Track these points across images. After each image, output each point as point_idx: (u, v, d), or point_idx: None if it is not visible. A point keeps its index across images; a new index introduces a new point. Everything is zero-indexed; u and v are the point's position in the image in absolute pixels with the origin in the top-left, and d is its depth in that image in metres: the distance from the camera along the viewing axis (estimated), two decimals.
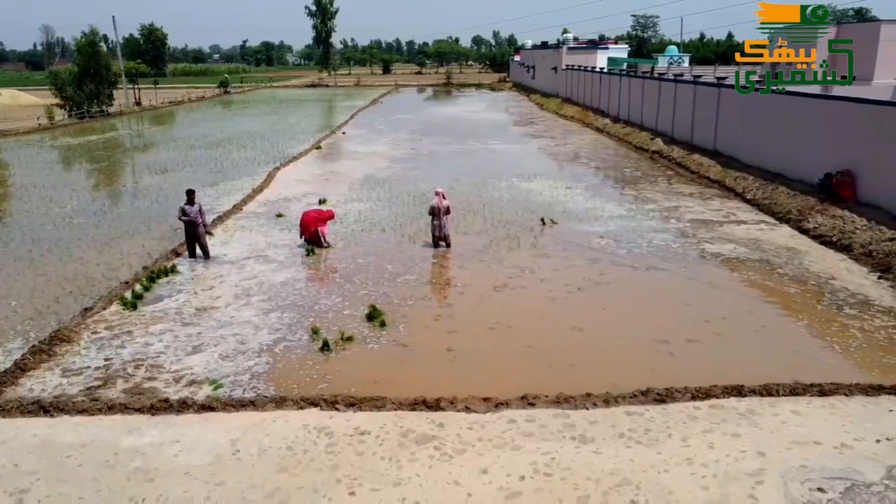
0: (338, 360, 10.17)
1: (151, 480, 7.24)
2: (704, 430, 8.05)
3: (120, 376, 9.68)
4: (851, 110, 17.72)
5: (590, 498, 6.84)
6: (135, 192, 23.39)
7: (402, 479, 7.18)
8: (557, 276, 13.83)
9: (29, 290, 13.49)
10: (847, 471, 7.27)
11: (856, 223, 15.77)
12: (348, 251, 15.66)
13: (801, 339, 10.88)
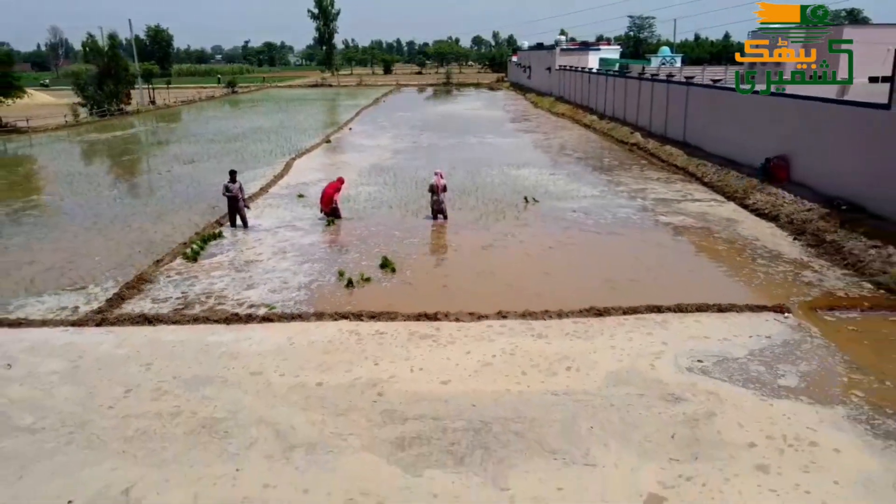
0: (359, 292, 13.33)
1: (235, 358, 10.39)
2: (627, 331, 11.18)
3: (196, 302, 12.84)
4: (786, 104, 20.87)
5: (539, 365, 9.99)
6: (170, 179, 26.52)
7: (410, 357, 10.33)
8: (534, 239, 16.98)
9: (105, 250, 16.63)
10: (722, 352, 10.40)
11: (785, 199, 18.92)
12: (362, 223, 18.81)
13: (717, 278, 14.04)
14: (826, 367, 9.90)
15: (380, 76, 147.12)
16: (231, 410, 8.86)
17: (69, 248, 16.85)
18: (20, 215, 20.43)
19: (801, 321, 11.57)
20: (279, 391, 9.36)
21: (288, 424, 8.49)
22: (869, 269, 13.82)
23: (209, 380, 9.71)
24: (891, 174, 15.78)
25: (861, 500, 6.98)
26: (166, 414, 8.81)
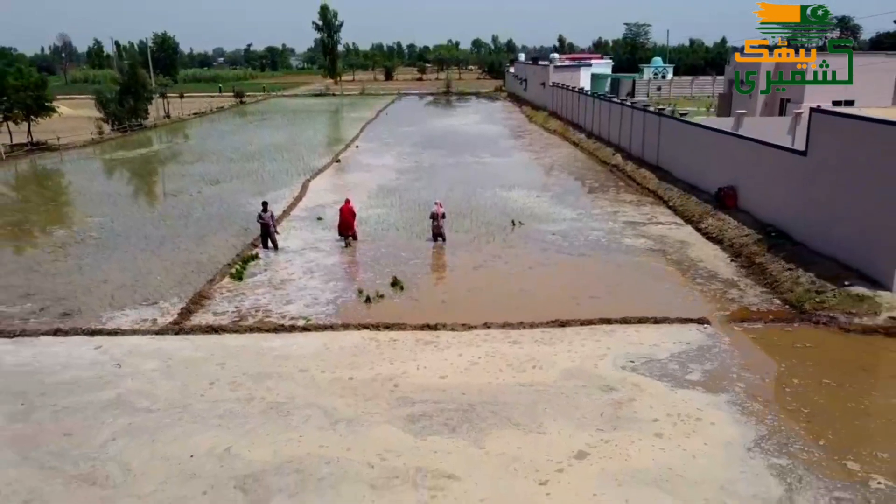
0: (375, 307, 16.85)
1: (286, 359, 13.91)
2: (582, 339, 14.69)
3: (248, 315, 16.39)
4: (733, 142, 24.39)
5: (513, 364, 13.50)
6: (201, 200, 30.02)
7: (417, 358, 13.85)
8: (517, 260, 20.51)
9: (162, 270, 20.16)
10: (650, 355, 13.90)
11: (730, 224, 22.44)
12: (374, 244, 22.33)
13: (659, 295, 17.54)
14: (724, 367, 13.42)
15: (381, 82, 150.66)
16: (289, 396, 12.39)
17: (132, 268, 20.37)
18: (83, 236, 23.94)
19: (716, 331, 15.09)
20: (322, 383, 12.90)
21: (331, 406, 12.02)
22: (780, 288, 17.35)
23: (269, 375, 13.24)
24: (808, 209, 19.27)
25: (719, 455, 10.49)
26: (243, 399, 12.34)
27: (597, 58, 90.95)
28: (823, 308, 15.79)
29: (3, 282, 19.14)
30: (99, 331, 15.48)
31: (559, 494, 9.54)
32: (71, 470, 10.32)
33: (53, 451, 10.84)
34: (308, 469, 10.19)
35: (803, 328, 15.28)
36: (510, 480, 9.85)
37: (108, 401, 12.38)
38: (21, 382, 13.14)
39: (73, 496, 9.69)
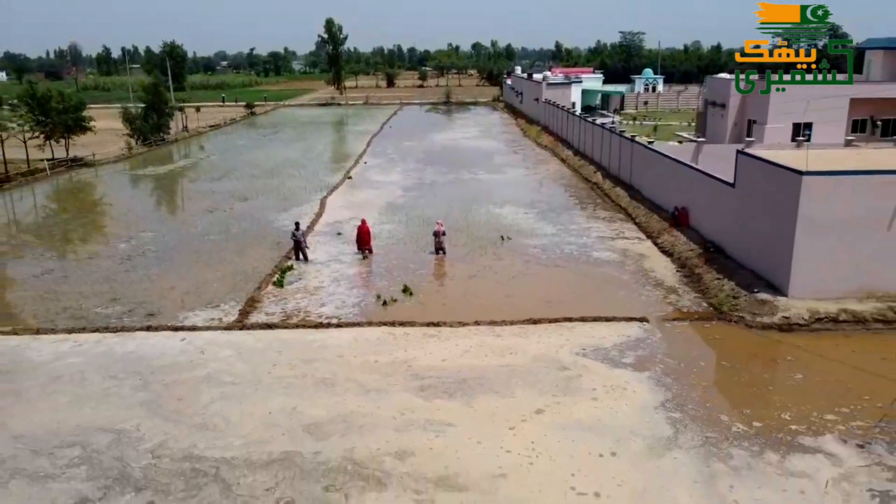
0: (391, 309, 21.59)
1: (326, 348, 18.66)
2: (549, 333, 19.42)
3: (293, 315, 21.13)
4: (684, 170, 29.14)
5: (495, 351, 18.23)
6: (235, 216, 34.72)
7: (424, 347, 18.57)
8: (504, 270, 25.25)
9: (216, 279, 24.89)
10: (598, 345, 18.60)
11: (680, 240, 27.19)
12: (387, 257, 27.07)
13: (614, 299, 22.25)
14: (651, 353, 18.15)
15: (384, 89, 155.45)
16: (332, 374, 17.13)
17: (191, 277, 25.13)
18: (144, 252, 28.68)
19: (652, 327, 19.83)
20: (354, 365, 17.64)
21: (363, 380, 16.76)
22: (709, 294, 22.11)
23: (315, 359, 17.98)
24: (736, 230, 23.99)
25: (634, 412, 15.21)
26: (298, 375, 17.09)
27: (588, 72, 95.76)
28: (736, 310, 20.55)
29: (93, 290, 23.89)
30: (180, 327, 20.25)
31: (521, 434, 14.28)
32: (188, 421, 15.07)
33: (173, 409, 15.59)
34: (351, 420, 14.93)
35: (718, 325, 20.05)
36: (489, 426, 14.59)
37: (202, 377, 17.14)
38: (133, 365, 17.90)
39: (196, 436, 14.43)
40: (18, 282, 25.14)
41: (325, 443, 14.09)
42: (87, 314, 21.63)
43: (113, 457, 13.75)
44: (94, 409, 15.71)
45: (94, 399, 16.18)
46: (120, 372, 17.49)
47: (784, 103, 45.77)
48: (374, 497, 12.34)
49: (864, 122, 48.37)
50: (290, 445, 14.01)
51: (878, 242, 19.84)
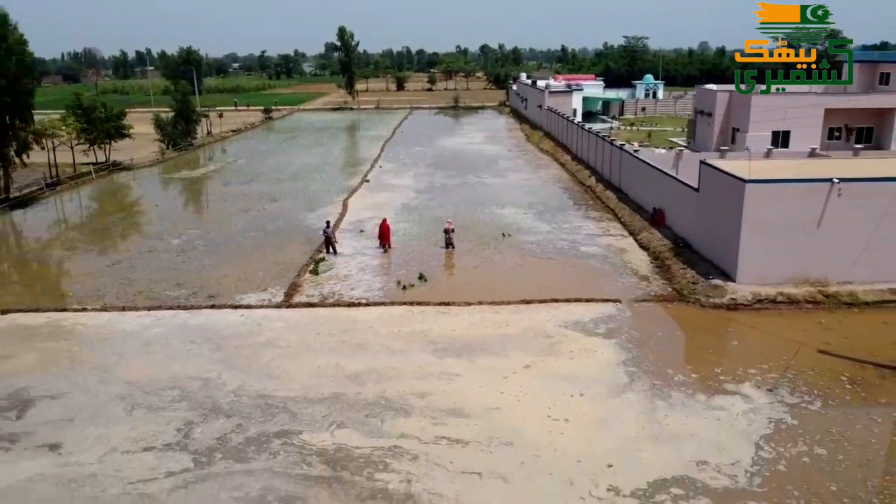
0: (410, 292, 26.12)
1: (357, 322, 23.20)
2: (539, 311, 23.88)
3: (329, 297, 25.68)
4: (660, 176, 33.53)
5: (494, 324, 22.72)
6: (268, 216, 39.32)
7: (437, 321, 23.08)
8: (504, 262, 29.72)
9: (261, 269, 29.43)
10: (578, 320, 23.04)
11: (656, 236, 31.58)
12: (404, 251, 31.55)
13: (595, 284, 26.67)
14: (619, 326, 22.59)
15: (394, 93, 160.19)
16: (365, 341, 21.67)
17: (239, 267, 29.70)
18: (195, 246, 33.29)
19: (624, 307, 24.25)
20: (382, 334, 22.17)
21: (390, 345, 21.29)
22: (674, 281, 26.51)
23: (350, 330, 22.53)
24: (700, 227, 28.37)
25: (600, 367, 19.67)
26: (338, 342, 21.63)
27: (590, 79, 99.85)
28: (694, 293, 24.96)
29: (159, 276, 28.53)
30: (238, 305, 24.86)
31: (512, 382, 18.76)
32: (257, 373, 19.62)
33: (243, 364, 20.16)
34: (382, 372, 19.46)
35: (678, 306, 24.48)
36: (487, 376, 19.08)
37: (262, 343, 21.72)
38: (206, 334, 22.49)
39: (264, 382, 18.98)
40: (95, 270, 29.79)
41: (363, 387, 18.63)
42: (159, 295, 26.25)
43: (204, 396, 18.35)
44: (182, 364, 20.32)
45: (180, 358, 20.79)
46: (197, 338, 22.11)
47: (764, 112, 50.10)
48: (402, 421, 16.86)
49: (839, 129, 52.47)
50: (336, 388, 18.56)
51: (810, 238, 24.20)
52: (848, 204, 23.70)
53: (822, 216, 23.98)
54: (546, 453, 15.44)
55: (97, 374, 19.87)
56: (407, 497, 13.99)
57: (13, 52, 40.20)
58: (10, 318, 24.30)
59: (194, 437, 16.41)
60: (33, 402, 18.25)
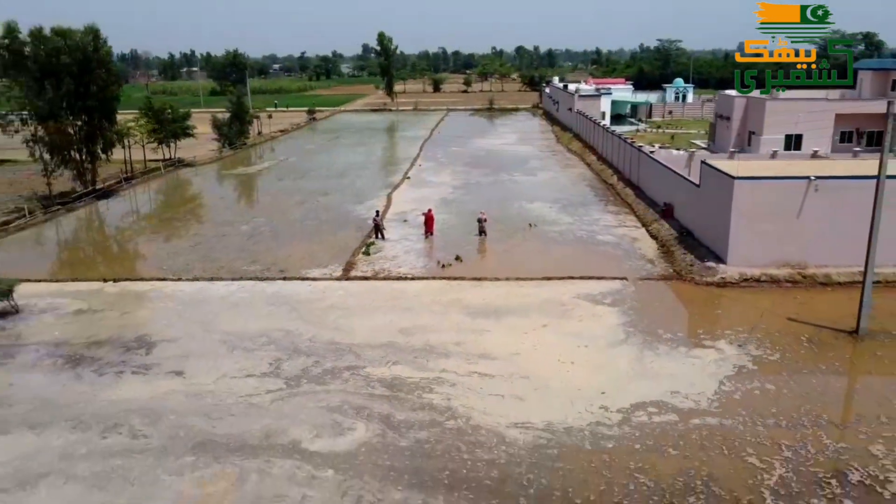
0: (448, 269, 30.84)
1: (404, 293, 28.01)
2: (556, 285, 28.40)
3: (380, 273, 30.55)
4: (669, 174, 37.69)
5: (518, 295, 27.32)
6: (322, 208, 44.39)
7: (471, 292, 27.78)
8: (530, 247, 34.27)
9: (321, 251, 34.41)
10: (590, 293, 27.50)
11: (665, 227, 35.80)
12: (443, 237, 36.26)
13: (608, 265, 31.06)
14: (623, 297, 26.99)
15: (431, 94, 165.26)
16: (411, 305, 26.46)
17: (303, 249, 34.73)
18: (262, 231, 38.49)
19: (629, 283, 28.64)
20: (426, 301, 26.93)
21: (432, 308, 26.05)
22: (675, 264, 30.78)
23: (398, 298, 27.34)
24: (701, 219, 32.55)
25: (604, 327, 24.15)
26: (389, 306, 26.46)
27: (620, 82, 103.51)
28: (690, 273, 29.23)
29: (235, 255, 33.73)
30: (305, 278, 29.88)
31: (531, 336, 23.35)
32: (326, 327, 24.52)
33: (315, 321, 25.08)
34: (426, 328, 24.21)
35: (676, 283, 28.78)
36: (512, 333, 23.70)
37: (327, 306, 26.65)
38: (282, 299, 27.50)
39: (333, 334, 23.86)
40: (180, 250, 35.13)
41: (412, 337, 23.41)
42: (238, 270, 31.40)
43: (287, 342, 23.31)
44: (266, 320, 25.34)
45: (263, 316, 25.83)
46: (275, 302, 27.15)
47: (777, 116, 53.74)
48: (443, 361, 21.58)
49: (850, 133, 55.77)
50: (390, 339, 23.36)
51: (790, 228, 28.29)
52: (823, 198, 27.75)
53: (802, 208, 28.06)
54: (554, 384, 20.02)
55: (200, 325, 25.00)
56: (447, 408, 18.70)
57: (103, 63, 45.92)
58: (121, 285, 29.69)
59: (283, 368, 21.36)
60: (155, 344, 23.43)
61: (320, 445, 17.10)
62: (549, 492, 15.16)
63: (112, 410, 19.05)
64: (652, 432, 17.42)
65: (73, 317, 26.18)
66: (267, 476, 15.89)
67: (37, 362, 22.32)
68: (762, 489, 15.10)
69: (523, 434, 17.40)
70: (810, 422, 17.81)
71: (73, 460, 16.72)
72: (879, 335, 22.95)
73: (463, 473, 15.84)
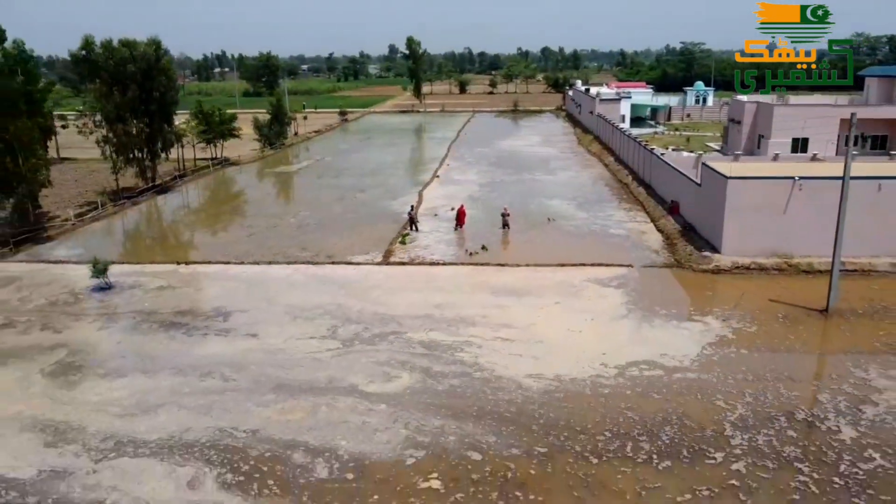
0: (474, 257, 35.08)
1: (436, 277, 32.33)
2: (569, 271, 32.51)
3: (415, 259, 34.91)
4: (675, 174, 41.52)
5: (535, 279, 31.50)
6: (362, 203, 48.88)
7: (495, 276, 32.01)
8: (548, 238, 38.39)
9: (362, 240, 38.84)
10: (597, 277, 31.58)
11: (671, 222, 39.68)
12: (470, 229, 40.48)
13: (616, 254, 35.05)
14: (628, 281, 31.04)
15: (457, 96, 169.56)
16: (444, 286, 30.76)
17: (345, 238, 39.19)
18: (308, 223, 43.07)
19: (634, 270, 32.65)
20: (456, 283, 31.23)
21: (461, 289, 30.32)
22: (677, 254, 34.70)
23: (432, 280, 31.67)
24: (701, 214, 36.39)
25: (609, 305, 28.23)
26: (424, 286, 30.79)
27: (640, 86, 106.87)
28: (689, 262, 33.15)
29: (288, 243, 38.32)
30: (350, 262, 34.35)
31: (546, 311, 27.52)
32: (371, 302, 28.90)
33: (361, 297, 29.47)
34: (457, 304, 28.48)
35: (676, 270, 32.73)
36: (529, 307, 27.88)
37: (371, 285, 31.06)
38: (332, 280, 31.96)
39: (377, 307, 28.22)
40: (238, 239, 39.84)
41: (445, 311, 27.71)
42: (292, 255, 35.94)
43: (340, 312, 27.74)
44: (320, 296, 29.81)
45: (317, 292, 30.31)
46: (326, 282, 31.64)
47: (785, 121, 57.08)
48: (471, 329, 25.83)
49: (855, 137, 58.75)
50: (426, 311, 27.68)
51: (777, 222, 32.06)
52: (806, 196, 31.51)
53: (787, 205, 31.84)
54: (563, 347, 24.18)
55: (265, 300, 29.54)
56: (475, 364, 22.96)
57: (164, 71, 50.90)
58: (192, 268, 34.41)
59: (339, 333, 25.79)
60: (231, 314, 28.01)
61: (374, 388, 21.46)
62: (555, 422, 19.35)
63: (204, 362, 23.61)
64: (641, 383, 21.52)
65: (157, 292, 30.90)
66: (334, 408, 20.29)
67: (136, 326, 27.02)
68: (724, 423, 19.16)
69: (536, 382, 21.60)
70: (773, 377, 21.77)
71: (181, 395, 21.28)
72: (846, 313, 26.76)
73: (488, 409, 20.09)
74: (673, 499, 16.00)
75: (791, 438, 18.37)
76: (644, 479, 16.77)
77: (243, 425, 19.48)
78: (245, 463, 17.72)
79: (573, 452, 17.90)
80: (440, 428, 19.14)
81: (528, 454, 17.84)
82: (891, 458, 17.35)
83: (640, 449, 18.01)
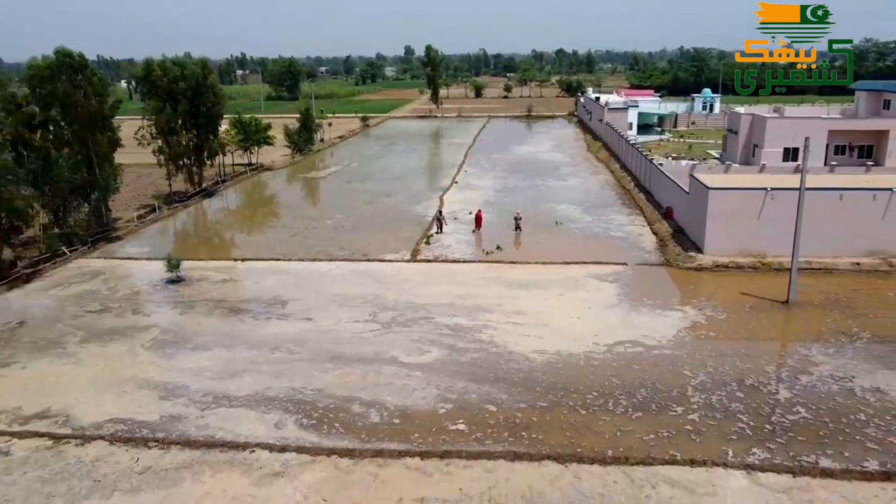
0: (491, 256, 40.41)
1: (458, 272, 37.71)
2: (573, 268, 37.73)
3: (439, 257, 40.30)
4: (669, 182, 46.59)
5: (543, 275, 36.78)
6: (390, 206, 54.31)
7: (508, 272, 37.34)
8: (556, 241, 43.63)
9: (392, 240, 44.26)
10: (596, 273, 36.82)
11: (665, 226, 44.79)
12: (487, 231, 45.80)
13: (613, 254, 40.24)
14: (622, 277, 36.23)
15: (472, 100, 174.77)
16: (464, 280, 36.13)
17: (376, 238, 44.63)
18: (343, 225, 48.58)
19: (629, 268, 37.84)
20: (474, 277, 36.59)
21: (478, 282, 35.68)
22: (667, 254, 39.84)
23: (454, 275, 37.05)
24: (690, 218, 41.45)
25: (604, 297, 33.47)
26: (446, 280, 36.17)
27: (648, 94, 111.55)
28: (676, 261, 38.29)
29: (326, 243, 43.86)
30: (383, 259, 39.81)
31: (551, 300, 32.81)
32: (403, 293, 34.29)
33: (394, 288, 34.88)
34: (475, 294, 33.82)
35: (664, 268, 37.89)
36: (537, 300, 33.17)
37: (402, 279, 36.49)
38: (368, 275, 37.41)
39: (408, 296, 33.61)
40: (284, 239, 45.44)
41: (465, 300, 33.07)
42: (331, 253, 41.47)
43: (378, 301, 33.18)
44: (360, 288, 35.27)
45: (357, 285, 35.78)
46: (363, 276, 37.13)
47: (777, 132, 61.87)
48: (488, 315, 31.18)
49: (843, 147, 63.57)
50: (450, 301, 33.05)
51: (752, 226, 37.11)
52: (777, 204, 36.53)
53: (761, 211, 36.89)
54: (564, 329, 29.45)
55: (314, 290, 35.06)
56: (491, 342, 28.30)
57: (210, 88, 56.68)
58: (247, 264, 40.04)
59: (378, 317, 31.23)
60: (287, 302, 33.54)
61: (410, 360, 26.87)
62: (554, 384, 24.66)
63: (271, 340, 29.14)
64: (625, 357, 26.78)
65: (221, 284, 36.54)
66: (380, 374, 25.74)
67: (210, 311, 32.63)
68: (687, 386, 24.37)
69: (540, 356, 26.92)
70: (732, 353, 26.94)
71: (258, 364, 26.83)
72: (804, 304, 31.82)
73: (501, 375, 25.44)
74: (641, 438, 21.27)
75: (738, 398, 23.55)
76: (620, 425, 22.06)
77: (310, 386, 24.97)
78: (315, 412, 23.20)
79: (567, 406, 23.22)
80: (464, 388, 24.51)
81: (532, 407, 23.17)
82: (812, 412, 22.51)
83: (619, 404, 23.29)
